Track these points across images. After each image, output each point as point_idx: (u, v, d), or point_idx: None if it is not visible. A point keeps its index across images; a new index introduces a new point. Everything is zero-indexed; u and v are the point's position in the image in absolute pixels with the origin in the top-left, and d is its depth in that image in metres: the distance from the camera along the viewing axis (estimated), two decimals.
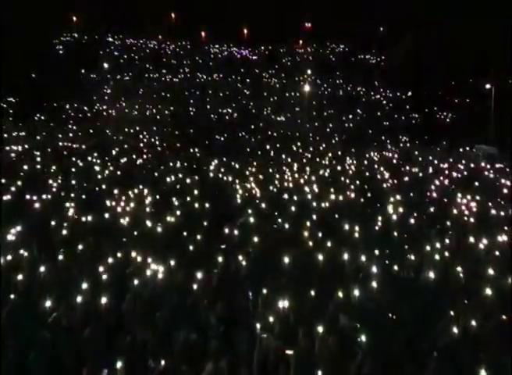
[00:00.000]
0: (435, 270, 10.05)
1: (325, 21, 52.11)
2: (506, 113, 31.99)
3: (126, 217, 13.22)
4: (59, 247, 10.86)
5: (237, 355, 7.43)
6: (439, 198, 17.13)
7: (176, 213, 13.71)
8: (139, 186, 16.56)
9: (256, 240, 11.43)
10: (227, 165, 21.60)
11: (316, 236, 12.15)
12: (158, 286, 9.26)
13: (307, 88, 42.94)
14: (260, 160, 23.46)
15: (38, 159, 20.78)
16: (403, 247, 11.80)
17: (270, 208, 14.65)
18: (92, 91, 41.78)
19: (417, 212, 14.86)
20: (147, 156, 23.08)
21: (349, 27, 51.15)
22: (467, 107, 41.02)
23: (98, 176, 18.20)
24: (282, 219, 13.47)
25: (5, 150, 22.07)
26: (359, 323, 7.99)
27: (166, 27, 56.81)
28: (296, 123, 36.57)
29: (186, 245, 11.30)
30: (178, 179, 18.39)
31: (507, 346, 7.31)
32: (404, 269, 10.46)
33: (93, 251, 10.63)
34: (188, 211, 14.09)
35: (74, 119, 33.79)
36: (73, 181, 17.30)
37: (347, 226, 12.85)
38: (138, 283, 9.21)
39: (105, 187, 16.53)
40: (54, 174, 18.33)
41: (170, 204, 14.74)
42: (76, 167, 19.77)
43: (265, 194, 16.56)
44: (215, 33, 54.50)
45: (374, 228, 13.14)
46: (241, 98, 44.44)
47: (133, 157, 22.44)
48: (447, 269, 10.31)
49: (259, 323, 7.86)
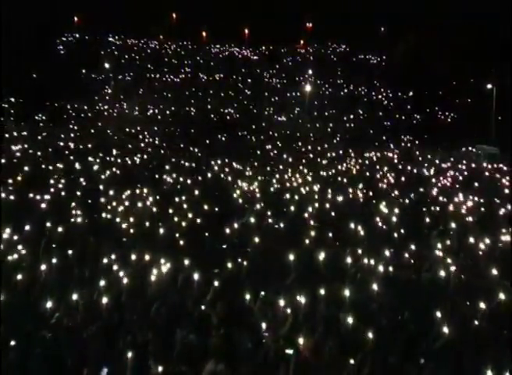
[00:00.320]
0: (436, 271, 10.05)
1: (326, 21, 52.06)
2: (507, 113, 31.96)
3: (126, 217, 13.22)
4: (60, 247, 10.85)
5: (238, 354, 7.43)
6: (440, 198, 17.11)
7: (177, 213, 13.71)
8: (140, 186, 16.56)
9: (257, 239, 11.43)
10: (228, 165, 21.60)
11: (317, 236, 12.15)
12: (159, 286, 9.26)
13: (308, 88, 42.88)
14: (261, 160, 23.46)
15: (39, 159, 20.79)
16: (404, 247, 11.79)
17: (271, 208, 14.64)
18: (93, 91, 41.76)
19: (418, 212, 14.86)
20: (148, 156, 23.09)
21: (350, 27, 51.09)
22: (469, 107, 40.94)
23: (102, 177, 18.20)
24: (283, 219, 13.46)
25: (6, 150, 22.06)
26: (360, 323, 7.98)
27: (167, 27, 56.77)
28: (297, 123, 36.55)
29: (188, 245, 11.30)
30: (179, 179, 18.40)
31: (508, 347, 7.30)
32: (405, 270, 10.45)
33: (93, 251, 10.62)
34: (189, 211, 14.08)
35: (75, 119, 33.80)
36: (74, 181, 17.30)
37: (348, 226, 12.84)
38: (139, 283, 9.21)
39: (106, 187, 16.53)
40: (55, 174, 18.34)
41: (171, 204, 14.74)
42: (77, 167, 19.77)
43: (266, 194, 16.56)
44: (215, 33, 54.45)
45: (374, 228, 13.13)
46: (242, 98, 44.42)
47: (134, 157, 22.45)
48: (448, 269, 10.30)
49: (260, 322, 7.86)
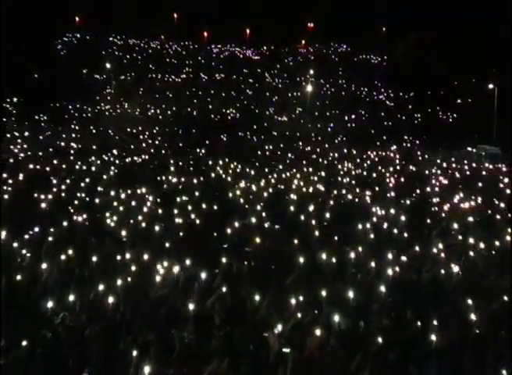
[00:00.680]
0: (437, 271, 10.05)
1: (327, 21, 52.03)
2: (508, 113, 31.89)
3: (128, 217, 13.23)
4: (61, 247, 10.86)
5: (240, 355, 7.43)
6: (440, 198, 17.09)
7: (179, 213, 13.72)
8: (141, 186, 16.57)
9: (258, 240, 11.43)
10: (229, 165, 21.60)
11: (318, 236, 12.14)
12: (161, 286, 9.26)
13: (309, 88, 42.87)
14: (262, 160, 23.46)
15: (41, 159, 20.81)
16: (405, 247, 11.78)
17: (272, 208, 14.64)
18: (94, 91, 41.80)
19: (418, 212, 14.85)
20: (149, 156, 23.10)
21: (351, 27, 51.06)
22: (470, 107, 40.90)
23: (103, 177, 18.21)
24: (283, 219, 13.46)
25: (7, 150, 22.10)
26: (361, 322, 7.99)
27: (169, 27, 56.77)
28: (298, 123, 36.55)
29: (188, 245, 11.30)
30: (180, 179, 18.40)
31: (508, 347, 7.29)
32: (406, 270, 10.44)
33: (94, 251, 10.62)
34: (190, 211, 14.09)
35: (77, 119, 33.83)
36: (76, 181, 17.32)
37: (349, 226, 12.83)
38: (140, 283, 9.21)
39: (107, 187, 16.53)
40: (56, 174, 18.35)
41: (172, 204, 14.74)
42: (78, 167, 19.79)
43: (267, 194, 16.56)
44: (217, 33, 54.45)
45: (375, 228, 13.12)
46: (243, 98, 44.43)
47: (135, 157, 22.46)
48: (449, 269, 10.29)
49: (261, 322, 7.87)
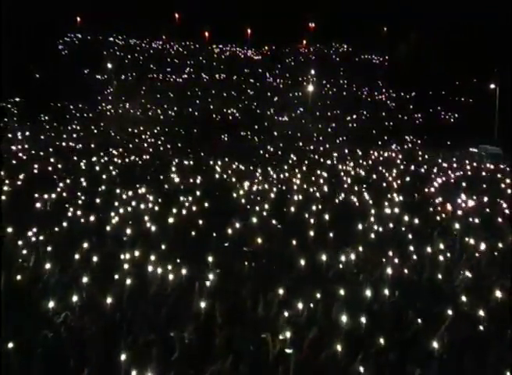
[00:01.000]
0: (438, 271, 10.04)
1: (328, 21, 51.99)
2: (510, 113, 31.85)
3: (129, 217, 13.23)
4: (62, 247, 10.87)
5: (240, 354, 7.42)
6: (442, 198, 17.07)
7: (180, 213, 13.72)
8: (142, 186, 16.58)
9: (260, 240, 11.42)
10: (230, 165, 21.59)
11: (319, 236, 12.13)
12: (162, 286, 9.26)
13: (310, 88, 42.87)
14: (263, 160, 23.45)
15: (42, 159, 20.83)
16: (407, 247, 11.77)
17: (273, 208, 14.64)
18: (96, 91, 41.83)
19: (420, 212, 14.83)
20: (150, 156, 23.10)
21: (352, 27, 51.02)
22: (471, 107, 40.86)
23: (104, 176, 18.23)
24: (285, 219, 13.46)
25: (8, 150, 22.12)
26: (362, 323, 7.98)
27: (170, 27, 56.77)
28: (299, 124, 36.55)
29: (190, 245, 11.30)
30: (181, 179, 18.40)
31: (509, 346, 7.28)
32: (408, 270, 10.43)
33: (96, 251, 10.62)
34: (192, 211, 14.09)
35: (78, 119, 33.86)
36: (77, 181, 17.32)
37: (350, 226, 12.82)
38: (141, 283, 9.22)
39: (109, 186, 16.55)
40: (58, 174, 18.36)
41: (174, 204, 14.74)
42: (80, 167, 19.80)
43: (269, 194, 16.55)
44: (218, 33, 54.44)
45: (377, 228, 13.10)
46: (244, 98, 44.44)
47: (136, 157, 22.47)
48: (450, 270, 10.28)
49: (262, 322, 7.86)
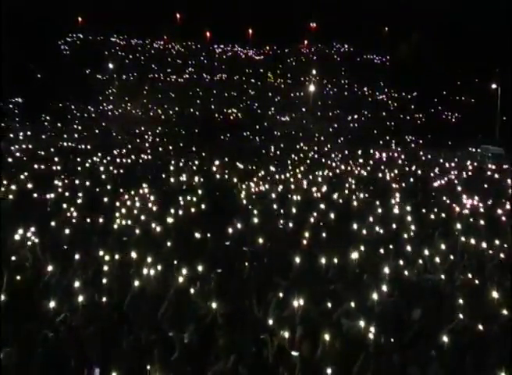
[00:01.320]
0: (440, 272, 10.00)
1: (330, 21, 51.99)
2: (511, 113, 31.83)
3: (130, 217, 13.21)
4: (63, 247, 10.85)
5: (241, 355, 7.40)
6: (443, 198, 17.03)
7: (181, 213, 13.70)
8: (143, 186, 16.57)
9: (261, 240, 11.39)
10: (232, 165, 21.58)
11: (320, 236, 12.10)
12: (162, 285, 9.23)
13: (312, 88, 42.90)
14: (264, 160, 23.44)
15: (43, 159, 20.83)
16: (408, 248, 11.72)
17: (274, 208, 14.61)
18: (97, 91, 41.89)
19: (421, 212, 14.79)
20: (151, 156, 23.11)
21: (353, 27, 51.02)
22: (473, 107, 40.83)
23: (103, 176, 18.22)
24: (286, 220, 13.42)
25: (10, 150, 22.15)
26: (363, 323, 7.94)
27: (171, 27, 56.83)
28: (301, 124, 36.56)
29: (191, 245, 11.28)
30: (183, 179, 18.39)
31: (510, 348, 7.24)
32: (409, 271, 10.39)
33: (96, 251, 10.59)
34: (193, 211, 14.07)
35: (79, 119, 33.91)
36: (78, 181, 17.32)
37: (352, 226, 12.79)
38: (141, 283, 9.18)
39: (110, 186, 16.53)
40: (59, 174, 18.36)
41: (175, 204, 14.72)
42: (81, 167, 19.79)
43: (270, 195, 16.53)
44: (219, 33, 54.48)
45: (378, 229, 13.06)
46: (246, 98, 44.45)
47: (137, 157, 22.48)
48: (452, 270, 10.24)
49: (263, 323, 7.84)
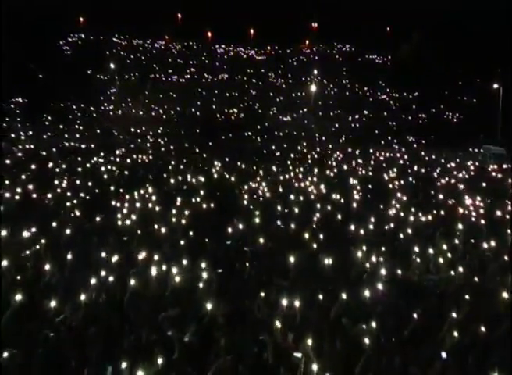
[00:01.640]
0: (441, 272, 9.98)
1: (331, 21, 52.00)
2: None
3: (131, 217, 13.20)
4: (65, 246, 10.84)
5: (242, 355, 7.39)
6: (445, 198, 17.00)
7: (182, 213, 13.69)
8: (145, 186, 16.56)
9: (262, 240, 11.38)
10: (233, 165, 21.57)
11: (321, 237, 12.08)
12: (163, 285, 9.22)
13: (313, 88, 42.87)
14: (266, 160, 23.42)
15: (45, 159, 20.84)
16: (409, 248, 11.70)
17: (275, 208, 14.60)
18: (99, 91, 41.90)
19: (423, 212, 14.76)
20: (152, 156, 23.10)
21: (355, 27, 51.04)
22: (475, 107, 40.76)
23: (104, 176, 18.22)
24: (287, 220, 13.41)
25: (11, 149, 22.18)
26: (364, 324, 7.92)
27: (172, 27, 56.86)
28: (302, 123, 36.55)
29: (192, 245, 11.27)
30: (184, 179, 18.38)
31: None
32: (410, 271, 10.37)
33: (97, 251, 10.58)
34: (194, 211, 14.06)
35: (81, 119, 33.93)
36: (79, 181, 17.32)
37: (352, 227, 12.77)
38: (142, 283, 9.18)
39: (111, 186, 16.52)
40: (60, 174, 18.36)
41: (176, 204, 14.71)
42: (82, 167, 19.80)
43: (271, 195, 16.52)
44: (221, 33, 54.50)
45: (379, 229, 13.04)
46: (247, 98, 44.44)
47: (139, 157, 22.48)
48: (453, 271, 10.21)
49: (264, 323, 7.82)
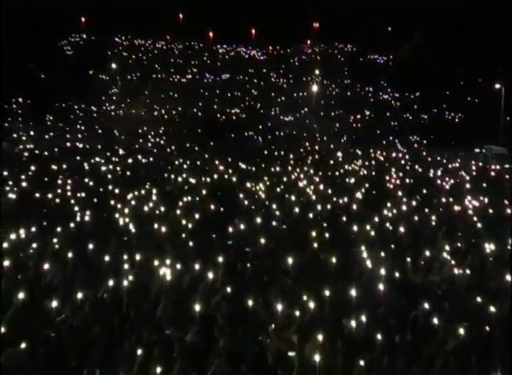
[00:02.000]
0: (443, 273, 9.96)
1: (333, 21, 51.98)
2: None
3: (132, 217, 13.21)
4: (66, 246, 10.84)
5: (243, 356, 7.38)
6: (447, 198, 16.96)
7: (183, 213, 13.68)
8: (146, 186, 16.57)
9: (263, 240, 11.37)
10: (234, 165, 21.55)
11: (322, 237, 12.07)
12: (164, 286, 9.22)
13: (314, 88, 42.82)
14: (267, 160, 23.40)
15: (46, 159, 20.85)
16: (411, 249, 11.68)
17: (277, 208, 14.58)
18: (100, 91, 41.92)
19: (424, 213, 14.74)
20: (154, 156, 23.10)
21: (356, 27, 51.01)
22: (476, 107, 40.69)
23: (108, 176, 18.22)
24: (288, 220, 13.40)
25: (13, 149, 22.22)
26: (368, 325, 7.92)
27: (174, 28, 56.86)
28: (304, 123, 36.51)
29: (193, 245, 11.26)
30: (185, 179, 18.37)
31: None
32: (412, 272, 10.36)
33: (99, 251, 10.59)
34: (195, 211, 14.05)
35: (82, 119, 33.95)
36: (81, 181, 17.32)
37: (354, 227, 12.75)
38: (143, 284, 9.18)
39: (113, 186, 16.52)
40: (62, 174, 18.36)
41: (177, 204, 14.70)
42: (84, 167, 19.80)
43: (272, 195, 16.50)
44: (222, 33, 54.47)
45: (381, 229, 13.02)
46: (249, 98, 44.43)
47: (140, 157, 22.47)
48: (455, 271, 10.19)
49: (264, 323, 7.82)
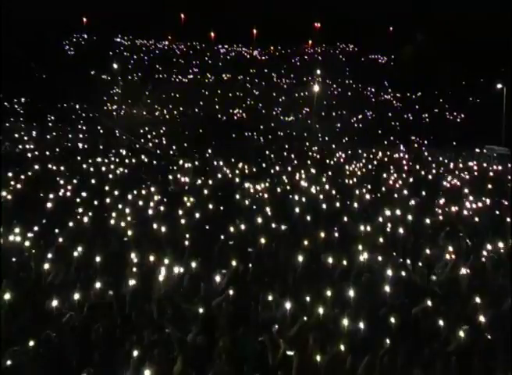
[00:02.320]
0: (445, 273, 9.94)
1: (334, 21, 52.02)
2: None
3: (133, 217, 13.21)
4: (67, 247, 10.84)
5: (244, 356, 7.38)
6: (448, 199, 16.93)
7: (184, 214, 13.68)
8: (147, 186, 16.56)
9: (264, 240, 11.36)
10: (235, 165, 21.54)
11: (324, 237, 12.05)
12: (165, 286, 9.22)
13: (316, 88, 42.79)
14: (268, 161, 23.38)
15: (48, 159, 20.86)
16: (413, 249, 11.67)
17: (278, 208, 14.58)
18: (102, 91, 41.94)
19: (426, 213, 14.71)
20: (155, 157, 23.10)
21: (358, 27, 51.05)
22: (478, 107, 40.65)
23: (110, 177, 18.22)
24: (288, 220, 13.39)
25: (14, 149, 22.23)
26: (369, 325, 7.90)
27: (175, 28, 56.93)
28: (305, 124, 36.49)
29: (194, 245, 11.26)
30: (186, 179, 18.37)
31: None
32: (414, 271, 10.34)
33: (99, 251, 10.59)
34: (196, 211, 14.05)
35: (84, 119, 33.95)
36: (82, 181, 17.33)
37: (355, 227, 12.74)
38: (145, 284, 9.18)
39: (114, 187, 16.52)
40: (63, 174, 18.37)
41: (178, 204, 14.70)
42: (85, 167, 19.81)
43: (273, 195, 16.49)
44: (224, 33, 54.53)
45: (382, 230, 13.01)
46: (250, 98, 44.43)
47: (141, 157, 22.48)
48: (457, 272, 10.17)
49: (265, 324, 7.81)
